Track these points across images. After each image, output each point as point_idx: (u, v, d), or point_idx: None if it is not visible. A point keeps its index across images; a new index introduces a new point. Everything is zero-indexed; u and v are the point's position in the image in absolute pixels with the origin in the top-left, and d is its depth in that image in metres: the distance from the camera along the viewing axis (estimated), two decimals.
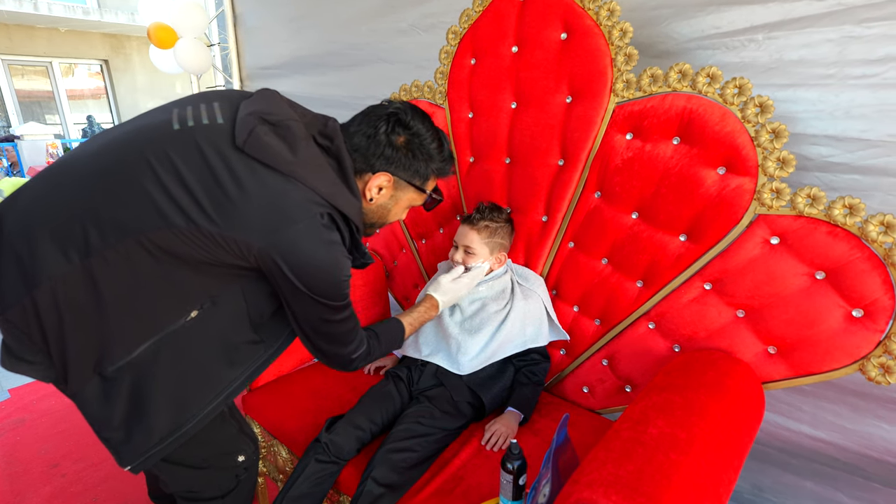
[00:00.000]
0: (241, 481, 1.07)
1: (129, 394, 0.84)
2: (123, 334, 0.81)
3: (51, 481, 1.76)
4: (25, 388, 2.45)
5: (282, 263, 0.79)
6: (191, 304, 0.84)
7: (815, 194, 0.92)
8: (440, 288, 1.25)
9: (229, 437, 1.04)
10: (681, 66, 1.05)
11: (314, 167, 0.83)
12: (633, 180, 1.14)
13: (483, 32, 1.34)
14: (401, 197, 0.97)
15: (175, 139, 0.79)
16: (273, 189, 0.78)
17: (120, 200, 0.76)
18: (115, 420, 0.84)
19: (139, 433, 0.85)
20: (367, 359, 1.02)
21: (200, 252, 0.78)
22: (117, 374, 0.82)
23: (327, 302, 0.86)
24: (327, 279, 0.84)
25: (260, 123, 0.79)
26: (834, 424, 1.17)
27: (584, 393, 1.33)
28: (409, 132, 0.91)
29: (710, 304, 1.07)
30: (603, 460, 0.73)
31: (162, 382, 0.85)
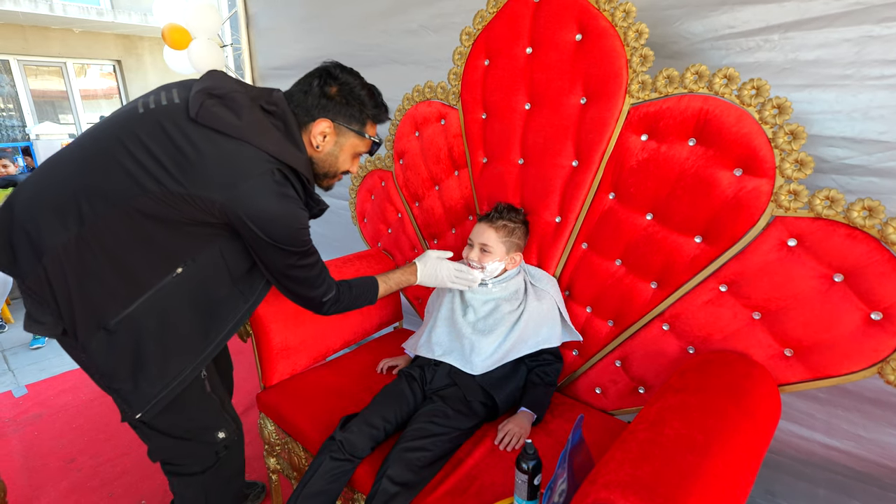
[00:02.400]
0: (220, 459, 1.15)
1: (131, 346, 0.96)
2: (119, 291, 0.94)
3: (67, 476, 1.79)
4: (42, 384, 2.49)
5: (243, 216, 0.91)
6: (175, 263, 0.96)
7: (834, 196, 0.91)
8: (426, 259, 1.33)
9: (211, 411, 1.14)
10: (697, 68, 1.04)
11: (260, 129, 0.94)
12: (648, 181, 1.14)
13: (497, 34, 1.34)
14: (343, 143, 1.07)
15: (141, 120, 0.92)
16: (225, 150, 0.91)
17: (103, 176, 0.90)
18: (122, 371, 0.97)
19: (144, 381, 0.98)
20: (337, 304, 1.14)
21: (175, 213, 0.90)
22: (118, 328, 0.95)
23: (289, 248, 0.97)
24: (285, 228, 0.95)
25: (208, 98, 0.92)
26: (849, 433, 1.16)
27: (596, 394, 1.33)
28: (339, 82, 1.03)
29: (726, 305, 1.06)
30: (620, 461, 0.74)
31: (158, 334, 0.97)
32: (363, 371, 1.51)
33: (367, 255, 1.77)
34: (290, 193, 0.96)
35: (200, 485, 1.14)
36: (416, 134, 1.63)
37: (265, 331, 1.40)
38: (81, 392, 2.39)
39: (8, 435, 2.05)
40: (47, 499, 1.68)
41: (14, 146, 5.72)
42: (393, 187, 1.75)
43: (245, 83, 1.03)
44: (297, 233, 0.98)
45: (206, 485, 1.14)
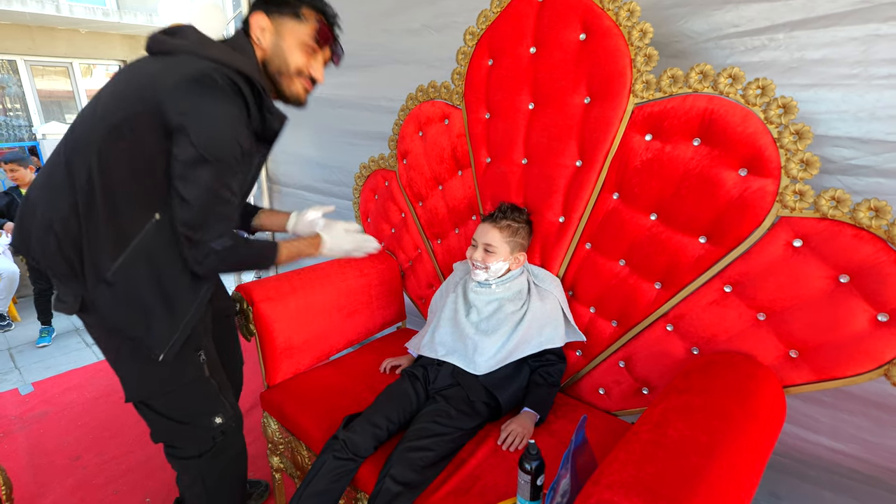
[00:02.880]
0: (217, 444, 1.17)
1: (132, 294, 1.00)
2: (109, 243, 0.98)
3: (73, 473, 1.81)
4: (48, 382, 2.51)
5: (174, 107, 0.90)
6: (152, 208, 0.98)
7: (840, 196, 0.91)
8: (332, 230, 1.27)
9: (209, 395, 1.16)
10: (702, 67, 1.04)
11: (206, 44, 0.98)
12: (653, 181, 1.13)
13: (501, 33, 1.34)
14: (283, 31, 1.05)
15: (112, 80, 1.02)
16: (174, 63, 0.94)
17: (78, 134, 0.98)
18: (132, 319, 1.01)
19: (156, 325, 1.02)
20: (226, 258, 1.01)
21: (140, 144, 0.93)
22: (115, 279, 0.98)
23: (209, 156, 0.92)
24: (213, 125, 0.92)
25: (158, 34, 1.01)
26: (854, 436, 1.15)
27: (600, 394, 1.33)
28: None
29: (731, 306, 1.06)
30: (623, 462, 0.73)
31: (152, 279, 1.00)
32: (366, 370, 1.52)
33: (370, 255, 1.77)
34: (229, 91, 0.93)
35: (197, 469, 1.17)
36: (420, 134, 1.63)
37: (269, 330, 1.40)
38: (87, 390, 2.41)
39: (14, 432, 2.07)
40: (53, 496, 1.69)
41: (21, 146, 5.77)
42: (396, 187, 1.75)
43: None
44: (226, 140, 0.93)
45: (202, 469, 1.17)
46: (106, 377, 2.54)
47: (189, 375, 1.11)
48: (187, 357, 1.10)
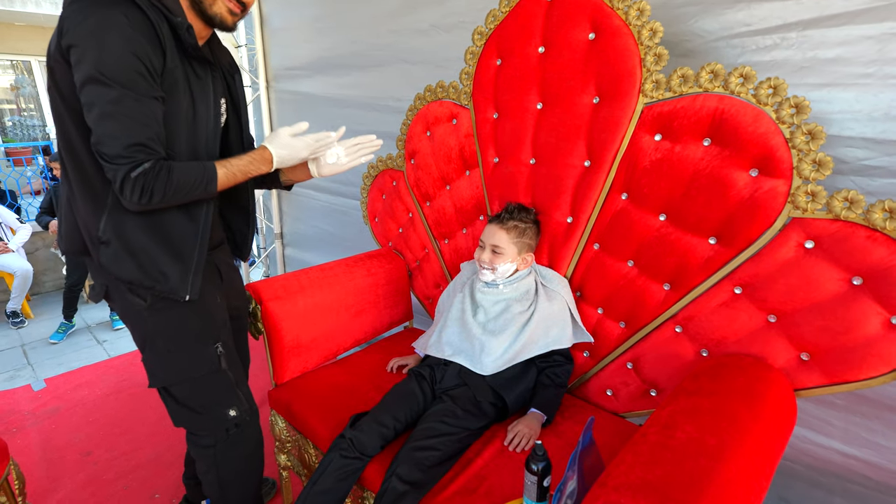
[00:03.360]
0: (230, 436, 1.20)
1: (131, 246, 1.00)
2: (88, 205, 0.99)
3: (84, 468, 1.83)
4: (60, 379, 2.54)
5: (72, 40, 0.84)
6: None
7: (854, 197, 0.89)
8: (277, 139, 1.09)
9: (224, 387, 1.18)
10: (713, 67, 1.03)
11: None
12: (662, 182, 1.12)
13: (509, 33, 1.34)
14: None
15: None
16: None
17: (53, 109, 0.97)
18: (142, 268, 1.01)
19: (168, 268, 1.03)
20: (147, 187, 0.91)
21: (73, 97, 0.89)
22: (107, 237, 0.99)
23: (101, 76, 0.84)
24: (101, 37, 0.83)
25: None
26: (867, 441, 1.13)
27: (607, 396, 1.32)
28: None
29: (741, 308, 1.05)
30: (631, 464, 0.73)
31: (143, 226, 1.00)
32: (373, 370, 1.52)
33: (377, 255, 1.78)
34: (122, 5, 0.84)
35: (212, 458, 1.20)
36: (428, 134, 1.63)
37: (277, 328, 1.41)
38: (97, 387, 2.44)
39: (27, 427, 2.10)
40: (65, 490, 1.72)
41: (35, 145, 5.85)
42: (404, 187, 1.75)
43: None
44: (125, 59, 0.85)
45: (217, 458, 1.20)
46: (116, 374, 2.57)
47: (206, 367, 1.13)
48: (204, 348, 1.13)
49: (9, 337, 3.18)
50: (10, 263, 3.29)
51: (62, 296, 3.18)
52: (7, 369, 2.71)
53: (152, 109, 0.91)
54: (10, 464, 1.27)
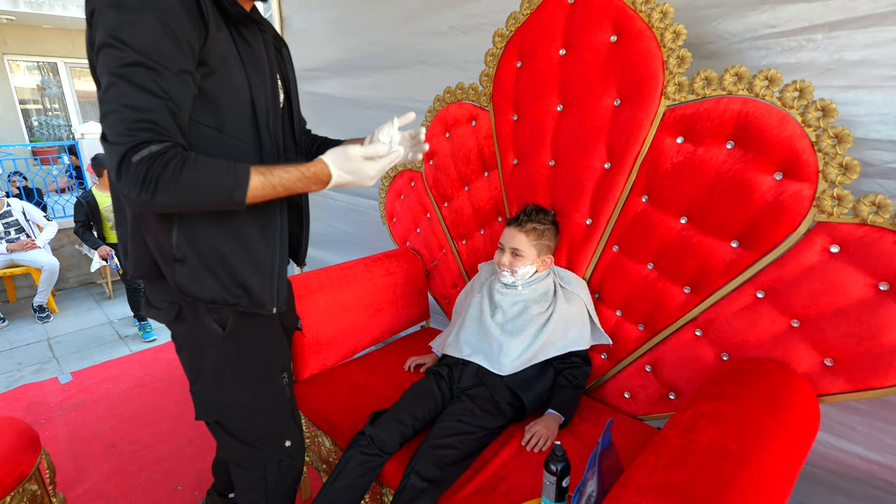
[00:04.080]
0: (283, 467, 1.13)
1: (208, 262, 0.88)
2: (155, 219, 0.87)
3: (109, 460, 1.88)
4: (86, 372, 2.62)
5: (95, 5, 0.71)
6: None
7: (882, 202, 0.88)
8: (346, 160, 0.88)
9: (282, 419, 1.10)
10: (737, 69, 1.02)
11: None
12: (683, 184, 1.12)
13: (530, 35, 1.34)
14: None
15: None
16: None
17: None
18: (224, 285, 0.90)
19: (251, 281, 0.91)
20: (149, 177, 0.72)
21: None
22: (182, 254, 0.87)
23: (116, 41, 0.69)
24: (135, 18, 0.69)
25: None
26: (891, 446, 1.11)
27: (625, 398, 1.32)
28: None
29: (763, 312, 1.04)
30: (652, 466, 0.73)
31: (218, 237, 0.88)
32: (391, 368, 1.54)
33: (395, 255, 1.80)
34: None
35: (262, 489, 1.12)
36: (447, 135, 1.65)
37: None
38: (121, 381, 2.50)
39: (55, 419, 2.17)
40: (91, 481, 1.77)
41: (60, 144, 6.01)
42: (422, 187, 1.77)
43: None
44: (148, 24, 0.70)
45: (268, 490, 1.12)
46: (139, 368, 2.63)
47: (272, 399, 1.06)
48: (272, 380, 1.05)
49: (35, 331, 3.28)
50: (37, 259, 3.39)
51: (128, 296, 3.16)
52: (33, 362, 2.80)
53: (175, 85, 0.73)
54: (41, 454, 1.31)
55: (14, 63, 7.37)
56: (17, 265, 3.47)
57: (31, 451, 1.25)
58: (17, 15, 6.51)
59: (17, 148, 6.52)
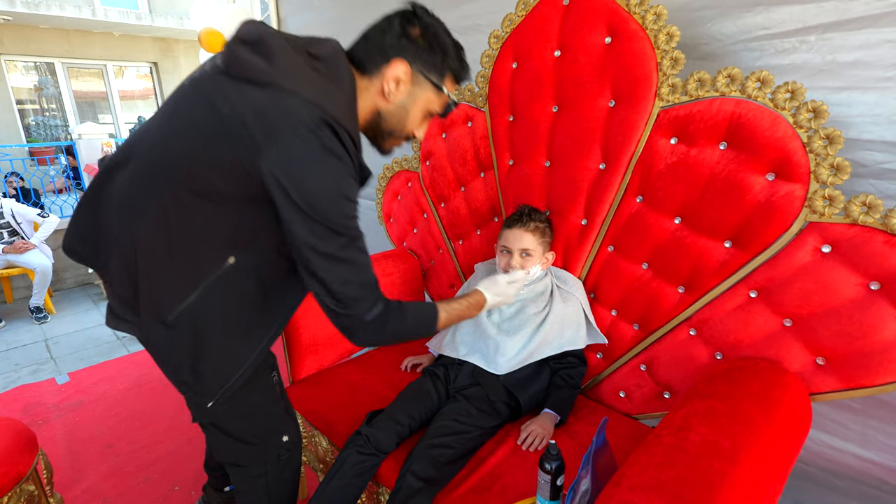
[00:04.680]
0: (282, 461, 1.14)
1: (190, 339, 0.90)
2: (175, 285, 0.88)
3: (106, 461, 1.88)
4: (83, 373, 2.62)
5: (279, 176, 0.77)
6: (226, 251, 0.88)
7: (872, 202, 0.89)
8: (495, 286, 1.17)
9: (277, 415, 1.12)
10: (730, 71, 1.03)
11: (296, 72, 0.79)
12: (677, 185, 1.13)
13: (526, 36, 1.35)
14: (419, 95, 0.91)
15: (187, 94, 0.85)
16: (256, 101, 0.77)
17: (157, 164, 0.85)
18: (185, 365, 0.92)
19: (207, 374, 0.93)
20: (382, 330, 0.90)
21: (222, 187, 0.81)
22: (176, 322, 0.89)
23: (330, 225, 0.80)
24: (327, 192, 0.78)
25: (239, 45, 0.80)
26: (884, 445, 1.12)
27: (620, 397, 1.33)
28: (424, 23, 0.88)
29: (756, 312, 1.05)
30: (644, 465, 0.74)
31: (216, 326, 0.91)
32: (388, 368, 1.54)
33: (392, 255, 1.80)
34: (336, 149, 0.78)
35: (264, 486, 1.13)
36: (443, 135, 1.65)
37: (295, 326, 1.44)
38: (118, 381, 2.50)
39: (52, 420, 2.17)
40: (88, 481, 1.77)
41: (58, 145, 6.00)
42: (419, 188, 1.77)
43: (288, 34, 0.88)
44: (342, 203, 0.80)
45: (269, 486, 1.13)
46: (137, 369, 2.63)
47: (262, 398, 1.07)
48: (262, 379, 1.06)
49: (32, 332, 3.27)
50: (30, 260, 3.38)
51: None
52: (31, 363, 2.80)
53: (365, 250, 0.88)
54: (38, 454, 1.31)
55: (11, 63, 7.36)
56: (14, 266, 3.47)
57: (28, 451, 1.25)
58: (13, 15, 6.50)
59: (14, 148, 6.52)
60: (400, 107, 0.91)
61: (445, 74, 0.92)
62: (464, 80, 0.97)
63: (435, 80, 0.90)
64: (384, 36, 0.87)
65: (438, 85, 0.91)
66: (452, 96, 0.96)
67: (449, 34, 0.91)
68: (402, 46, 0.87)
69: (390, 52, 0.86)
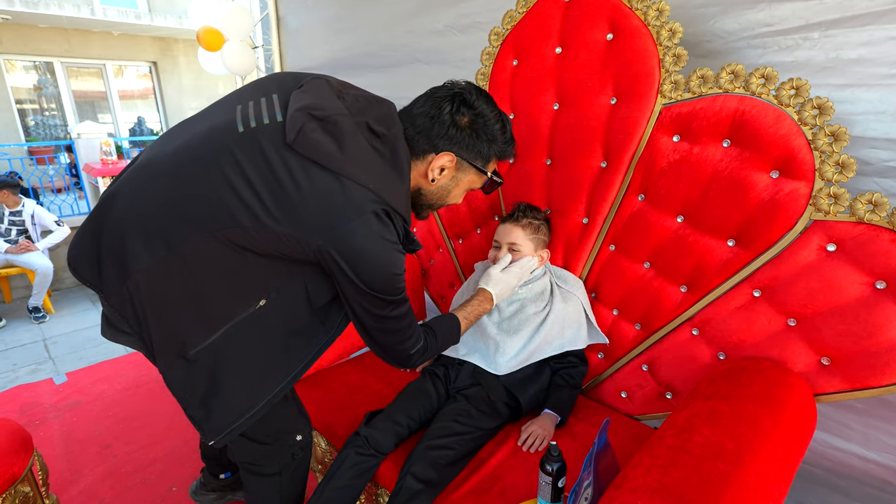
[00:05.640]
0: (297, 460, 1.15)
1: (208, 375, 0.91)
2: (201, 322, 0.88)
3: (104, 462, 1.87)
4: (81, 373, 2.60)
5: (339, 259, 0.82)
6: (259, 295, 0.89)
7: (878, 200, 0.88)
8: (491, 280, 1.24)
9: (290, 415, 1.13)
10: (733, 67, 1.02)
11: (363, 162, 0.83)
12: (680, 183, 1.12)
13: (526, 33, 1.34)
14: (461, 178, 0.98)
15: (241, 141, 0.83)
16: (324, 187, 0.80)
17: (195, 200, 0.82)
18: (196, 399, 0.92)
19: (218, 410, 0.93)
20: (424, 355, 1.02)
21: (267, 247, 0.83)
22: (198, 357, 0.89)
23: (383, 297, 0.87)
24: (382, 274, 0.85)
25: (308, 120, 0.81)
26: (888, 445, 1.11)
27: (622, 398, 1.32)
28: (474, 112, 0.92)
29: (760, 311, 1.04)
30: (647, 466, 0.73)
31: (236, 365, 0.92)
32: (387, 368, 1.53)
33: None
34: (391, 237, 0.85)
35: (277, 485, 1.14)
36: None
37: None
38: (117, 382, 2.49)
39: (49, 420, 2.15)
40: (85, 482, 1.75)
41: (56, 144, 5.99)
42: None
43: (350, 88, 0.94)
44: (394, 279, 0.87)
45: (282, 485, 1.14)
46: (135, 369, 2.62)
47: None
48: None
49: (31, 332, 3.26)
50: (31, 261, 3.38)
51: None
52: (29, 363, 2.78)
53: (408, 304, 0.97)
54: (34, 455, 1.30)
55: (10, 62, 7.34)
56: (13, 266, 3.46)
57: (23, 452, 1.24)
58: (12, 14, 6.49)
59: (14, 148, 6.50)
60: (441, 188, 0.98)
61: (490, 158, 0.97)
62: (508, 158, 1.02)
63: (479, 165, 0.96)
64: (433, 125, 0.91)
65: (483, 169, 0.97)
66: (497, 177, 1.01)
67: (499, 117, 0.95)
68: (451, 137, 0.91)
69: (438, 144, 0.91)
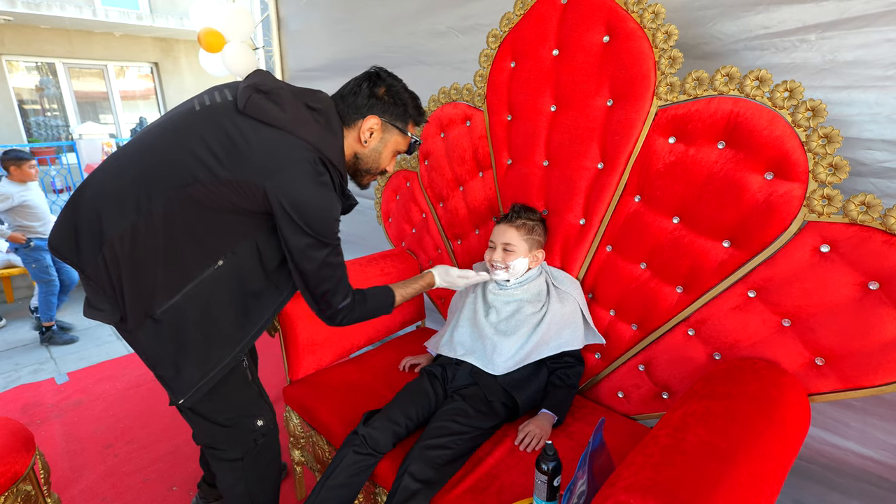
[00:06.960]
0: (258, 446, 1.21)
1: (175, 335, 1.03)
2: (166, 281, 1.00)
3: (105, 461, 1.88)
4: (82, 373, 2.62)
5: (283, 200, 0.96)
6: (217, 254, 1.03)
7: (870, 201, 0.89)
8: (446, 274, 1.36)
9: (250, 399, 1.20)
10: (728, 69, 1.03)
11: (302, 122, 1.00)
12: (676, 184, 1.12)
13: (524, 36, 1.35)
14: (388, 139, 1.13)
15: (198, 116, 1.01)
16: (270, 139, 0.97)
17: (160, 167, 0.97)
18: (165, 359, 1.04)
19: (186, 369, 1.05)
20: (350, 314, 1.13)
21: (223, 200, 0.97)
22: (164, 317, 1.01)
23: (321, 238, 1.01)
24: (320, 213, 1.00)
25: (255, 92, 0.99)
26: (884, 442, 1.12)
27: (618, 398, 1.32)
28: (386, 84, 1.10)
29: (754, 312, 1.04)
30: (641, 465, 0.73)
31: (199, 324, 1.03)
32: (386, 368, 1.54)
33: (391, 255, 1.80)
34: (327, 181, 1.01)
35: (241, 470, 1.20)
36: (442, 135, 1.65)
37: (292, 327, 1.44)
38: (118, 381, 2.50)
39: (51, 419, 2.17)
40: (86, 482, 1.77)
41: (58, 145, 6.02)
42: (418, 188, 1.77)
43: (288, 84, 1.11)
44: (332, 223, 1.02)
45: (245, 470, 1.21)
46: (136, 369, 2.63)
47: (233, 380, 1.13)
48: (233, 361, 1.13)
49: (33, 332, 3.27)
50: None
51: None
52: (31, 363, 2.80)
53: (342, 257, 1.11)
54: (35, 454, 1.31)
55: (12, 63, 7.36)
56: (14, 266, 3.47)
57: (25, 451, 1.25)
58: (14, 15, 6.51)
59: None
60: (373, 150, 1.13)
61: (408, 122, 1.14)
62: (422, 124, 1.20)
63: (400, 126, 1.13)
64: (357, 97, 1.09)
65: (403, 130, 1.13)
66: (416, 136, 1.17)
67: (407, 89, 1.14)
68: (372, 105, 1.09)
69: (364, 110, 1.09)
